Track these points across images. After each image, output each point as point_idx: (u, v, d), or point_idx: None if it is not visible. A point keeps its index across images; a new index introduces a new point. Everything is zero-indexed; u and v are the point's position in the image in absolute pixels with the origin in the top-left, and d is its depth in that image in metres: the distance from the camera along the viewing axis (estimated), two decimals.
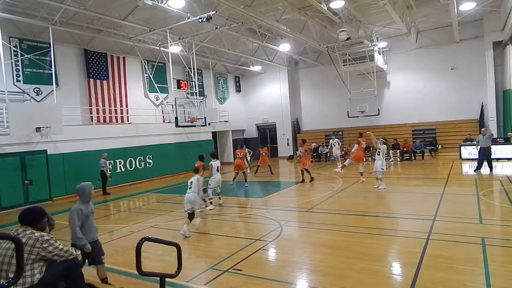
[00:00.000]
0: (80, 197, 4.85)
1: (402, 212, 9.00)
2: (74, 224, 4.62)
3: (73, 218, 4.64)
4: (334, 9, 13.87)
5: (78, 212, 4.68)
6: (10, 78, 13.46)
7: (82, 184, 4.91)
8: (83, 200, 4.82)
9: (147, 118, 18.92)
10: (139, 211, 11.38)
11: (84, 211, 4.74)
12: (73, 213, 4.67)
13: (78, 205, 4.77)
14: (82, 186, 4.87)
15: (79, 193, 4.87)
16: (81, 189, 4.86)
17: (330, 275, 5.19)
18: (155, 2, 11.38)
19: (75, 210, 4.70)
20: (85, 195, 4.83)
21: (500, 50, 18.50)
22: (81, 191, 4.84)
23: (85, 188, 4.86)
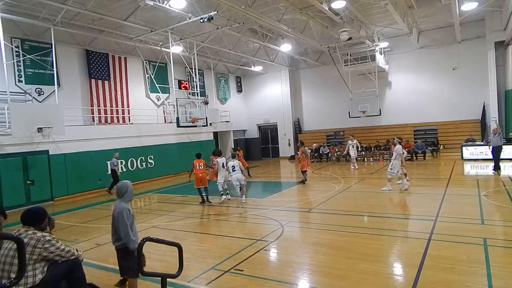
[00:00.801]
0: (123, 196, 4.47)
1: (404, 213, 9.00)
2: (126, 224, 4.26)
3: (123, 218, 4.27)
4: (335, 9, 13.85)
5: (127, 212, 4.33)
6: (12, 78, 13.49)
7: (123, 182, 4.55)
8: (125, 199, 4.48)
9: (148, 118, 18.94)
10: (140, 211, 11.39)
11: (130, 211, 4.43)
12: (121, 212, 4.30)
13: (123, 204, 4.40)
14: (124, 184, 4.51)
15: (120, 192, 4.48)
16: (123, 187, 4.48)
17: (331, 275, 5.18)
18: (156, 3, 11.39)
19: (123, 209, 4.32)
20: (127, 193, 4.48)
21: (502, 50, 18.45)
22: (123, 189, 4.47)
23: (127, 186, 4.50)
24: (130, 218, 4.37)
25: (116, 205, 4.42)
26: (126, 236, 4.25)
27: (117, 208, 4.35)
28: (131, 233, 4.27)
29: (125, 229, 4.25)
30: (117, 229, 4.31)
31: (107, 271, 5.91)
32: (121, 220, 4.27)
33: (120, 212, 4.31)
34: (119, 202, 4.44)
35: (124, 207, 4.35)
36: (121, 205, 4.37)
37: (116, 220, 4.32)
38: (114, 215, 4.38)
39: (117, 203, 4.43)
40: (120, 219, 4.29)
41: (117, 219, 4.31)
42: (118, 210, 4.33)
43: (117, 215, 4.32)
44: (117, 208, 4.36)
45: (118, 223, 4.29)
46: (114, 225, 4.39)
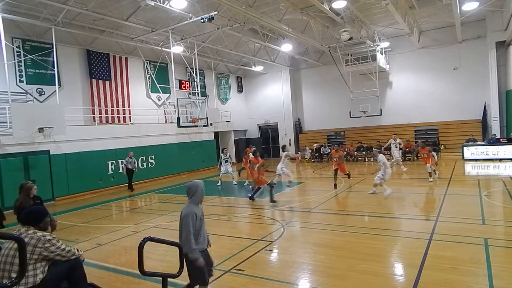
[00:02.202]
0: (192, 197, 4.04)
1: (405, 213, 8.98)
2: (188, 230, 3.85)
3: (187, 223, 3.86)
4: (336, 9, 13.84)
5: (193, 216, 3.91)
6: (13, 78, 13.51)
7: (194, 182, 4.10)
8: (195, 201, 4.06)
9: (149, 119, 18.95)
10: (141, 211, 11.40)
11: (197, 215, 3.98)
12: (187, 217, 3.89)
13: (191, 207, 3.98)
14: (195, 184, 4.07)
15: (190, 192, 4.06)
16: (193, 187, 4.05)
17: (332, 275, 5.18)
18: (157, 3, 11.39)
19: (189, 213, 3.91)
20: (197, 194, 4.05)
21: (503, 50, 18.43)
22: (193, 189, 4.05)
23: (198, 186, 4.06)
24: (198, 224, 3.97)
25: (184, 207, 4.03)
26: (185, 243, 3.88)
27: (184, 211, 3.97)
28: (192, 241, 3.86)
29: (187, 235, 3.86)
30: (181, 233, 3.96)
31: (108, 271, 5.91)
32: (184, 224, 3.89)
33: (185, 216, 3.91)
34: (188, 203, 4.05)
35: (191, 211, 3.93)
36: (188, 208, 3.98)
37: (180, 223, 3.97)
38: (180, 216, 4.01)
39: (186, 205, 4.05)
40: (183, 223, 3.91)
41: (180, 222, 3.95)
42: (184, 213, 3.95)
43: (182, 218, 3.94)
44: (183, 211, 3.98)
45: (181, 226, 3.94)
46: (179, 225, 4.05)
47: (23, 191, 6.48)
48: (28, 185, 6.56)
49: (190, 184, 4.09)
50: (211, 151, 22.25)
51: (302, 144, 24.89)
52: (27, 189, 6.46)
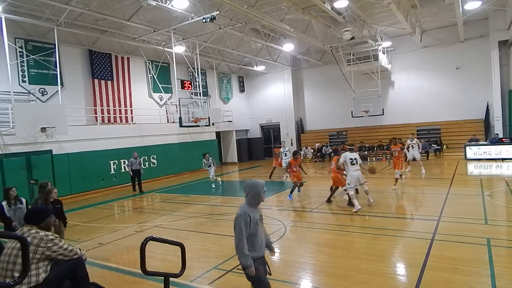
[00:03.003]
0: (249, 198, 3.61)
1: (407, 213, 8.97)
2: (240, 234, 3.44)
3: (239, 227, 3.44)
4: (338, 8, 13.82)
5: (246, 219, 3.46)
6: (16, 78, 13.56)
7: (252, 181, 3.66)
8: (251, 202, 3.59)
9: (151, 118, 18.98)
10: (143, 210, 11.42)
11: (252, 217, 3.51)
12: (239, 218, 3.47)
13: (245, 208, 3.55)
14: (252, 183, 3.62)
15: (245, 191, 3.63)
16: (248, 186, 3.61)
17: (334, 275, 5.18)
18: (159, 3, 11.41)
19: (242, 214, 3.48)
20: (252, 195, 3.58)
21: (506, 50, 18.35)
22: (248, 189, 3.60)
23: (254, 186, 3.59)
24: (253, 227, 3.50)
25: (240, 206, 3.65)
26: (237, 247, 3.46)
27: (238, 211, 3.55)
28: (245, 246, 3.43)
29: (238, 239, 3.44)
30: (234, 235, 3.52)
31: (110, 271, 5.93)
32: (236, 226, 3.47)
33: (237, 217, 3.49)
34: (245, 203, 3.63)
35: (244, 212, 3.48)
36: (242, 209, 3.55)
37: (233, 225, 3.53)
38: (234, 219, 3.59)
39: (242, 204, 3.65)
40: (235, 225, 3.48)
41: (234, 224, 3.52)
42: (237, 214, 3.52)
43: (235, 218, 3.52)
44: (237, 211, 3.56)
45: (234, 229, 3.50)
46: None
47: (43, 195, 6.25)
48: (48, 188, 6.31)
49: (247, 182, 3.65)
50: (213, 151, 22.25)
51: (303, 144, 24.88)
52: (47, 193, 6.23)
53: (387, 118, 21.83)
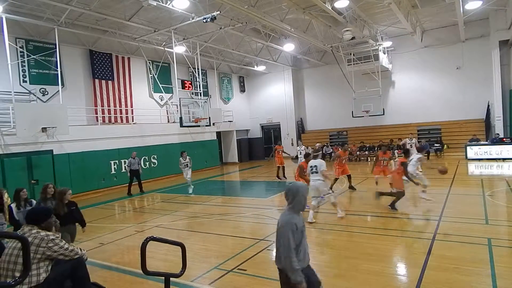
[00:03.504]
0: (294, 204, 3.18)
1: (407, 213, 8.95)
2: (289, 246, 3.01)
3: (286, 236, 3.03)
4: (338, 8, 13.82)
5: (293, 227, 3.06)
6: (17, 78, 13.58)
7: (294, 184, 3.27)
8: (296, 208, 3.19)
9: (151, 118, 19.00)
10: (143, 210, 11.43)
11: (298, 226, 3.12)
12: (285, 227, 3.06)
13: (291, 216, 3.13)
14: (295, 187, 3.22)
15: (290, 196, 3.20)
16: (293, 190, 3.19)
17: (335, 275, 5.17)
18: (159, 3, 11.42)
19: (288, 223, 3.07)
20: (298, 200, 3.17)
21: (507, 49, 18.33)
22: (293, 193, 3.18)
23: (299, 190, 3.19)
24: (298, 236, 3.10)
25: (282, 214, 3.23)
26: (285, 261, 3.04)
27: (281, 220, 3.16)
28: (294, 259, 3.01)
29: (287, 251, 3.02)
30: (278, 247, 3.15)
31: (110, 271, 5.93)
32: (283, 237, 3.06)
33: (283, 226, 3.09)
34: (287, 210, 3.21)
35: (290, 220, 3.09)
36: (287, 216, 3.14)
37: (278, 235, 3.16)
38: (278, 227, 3.20)
39: (284, 211, 3.23)
40: (281, 235, 3.08)
41: (278, 235, 3.15)
42: (281, 223, 3.14)
43: (280, 228, 3.14)
44: (281, 219, 3.17)
45: (279, 240, 3.13)
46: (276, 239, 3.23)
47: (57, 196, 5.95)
48: (62, 189, 5.91)
49: (289, 186, 3.26)
50: (213, 151, 22.29)
51: (304, 144, 24.83)
52: (61, 194, 5.87)
53: (387, 118, 21.82)
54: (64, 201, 5.89)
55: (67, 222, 5.90)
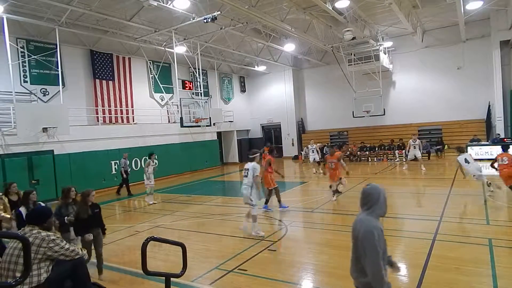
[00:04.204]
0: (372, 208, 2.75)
1: (408, 213, 8.94)
2: (377, 255, 2.58)
3: (371, 244, 2.59)
4: (339, 8, 13.81)
5: (379, 234, 2.63)
6: (17, 78, 13.59)
7: (373, 186, 2.81)
8: (376, 213, 2.74)
9: (152, 119, 19.00)
10: (144, 211, 11.43)
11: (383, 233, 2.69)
12: (371, 234, 2.60)
13: (373, 221, 2.69)
14: (375, 189, 2.78)
15: (370, 199, 2.77)
16: (374, 193, 2.76)
17: (335, 275, 5.17)
18: (160, 3, 11.42)
19: (374, 229, 2.63)
20: (380, 203, 2.74)
21: (508, 49, 18.31)
22: (374, 196, 2.76)
23: (380, 192, 2.77)
24: (383, 244, 2.65)
25: (360, 219, 2.78)
26: (374, 274, 2.59)
27: (363, 225, 2.68)
28: (384, 272, 2.60)
29: (375, 263, 2.57)
30: (360, 259, 2.70)
31: (111, 270, 5.93)
32: (369, 246, 2.60)
33: (368, 232, 2.63)
34: (366, 215, 2.75)
35: (375, 226, 2.65)
36: (370, 223, 2.67)
37: (361, 244, 2.67)
38: (358, 236, 2.72)
39: (362, 217, 2.77)
40: (367, 245, 2.61)
41: (362, 244, 2.66)
42: (365, 229, 2.66)
43: (363, 236, 2.66)
44: (362, 225, 2.69)
45: (363, 249, 2.64)
46: (356, 251, 2.76)
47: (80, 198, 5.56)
48: (85, 191, 5.57)
49: (368, 188, 2.81)
50: (214, 151, 22.29)
51: (304, 144, 24.85)
52: (84, 195, 5.50)
53: (388, 118, 21.80)
54: (87, 203, 5.47)
55: (92, 226, 5.46)
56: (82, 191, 5.59)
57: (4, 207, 6.46)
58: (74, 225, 5.43)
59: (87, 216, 5.35)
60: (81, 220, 5.31)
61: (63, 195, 5.88)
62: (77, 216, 5.35)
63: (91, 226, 5.45)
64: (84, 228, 5.35)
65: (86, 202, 5.44)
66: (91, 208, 5.48)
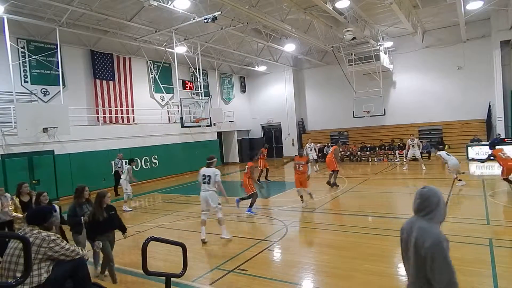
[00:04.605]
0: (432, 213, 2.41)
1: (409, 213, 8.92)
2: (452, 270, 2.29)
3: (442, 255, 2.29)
4: (339, 8, 13.82)
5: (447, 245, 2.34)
6: (18, 79, 13.60)
7: (431, 189, 2.44)
8: (437, 219, 2.41)
9: (152, 119, 19.01)
10: (144, 211, 11.43)
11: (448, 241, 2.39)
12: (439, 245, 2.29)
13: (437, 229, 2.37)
14: (436, 194, 2.42)
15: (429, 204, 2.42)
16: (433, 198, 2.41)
17: (335, 275, 5.17)
18: (160, 3, 11.43)
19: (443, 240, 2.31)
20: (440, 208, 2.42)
21: (508, 49, 18.30)
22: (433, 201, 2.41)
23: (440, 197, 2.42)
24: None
25: (421, 227, 2.39)
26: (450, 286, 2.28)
27: (429, 236, 2.32)
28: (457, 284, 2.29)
29: (449, 276, 2.28)
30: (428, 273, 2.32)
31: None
32: (440, 258, 2.28)
33: (438, 245, 2.28)
34: (426, 222, 2.40)
35: (443, 237, 2.33)
36: (436, 232, 2.34)
37: (429, 257, 2.29)
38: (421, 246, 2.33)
39: (423, 225, 2.40)
40: (438, 256, 2.28)
41: (430, 256, 2.29)
42: (433, 241, 2.29)
43: (433, 249, 2.28)
44: (427, 236, 2.32)
45: (432, 261, 2.29)
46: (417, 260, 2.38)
47: (96, 199, 5.31)
48: (101, 192, 5.33)
49: (426, 191, 2.45)
50: (214, 151, 22.27)
51: (304, 144, 24.85)
52: (99, 197, 5.25)
53: (388, 119, 21.80)
54: (103, 205, 5.25)
55: (107, 229, 5.29)
56: (97, 192, 5.41)
57: (15, 208, 6.48)
58: (88, 228, 5.20)
59: (102, 219, 5.16)
60: (96, 223, 5.12)
61: (76, 194, 5.75)
62: (93, 218, 5.14)
63: (107, 229, 5.26)
64: (99, 232, 5.15)
65: (101, 204, 5.24)
66: (106, 210, 5.29)
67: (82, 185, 5.87)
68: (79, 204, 5.65)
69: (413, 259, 2.44)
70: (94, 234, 5.16)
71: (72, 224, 5.60)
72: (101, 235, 5.17)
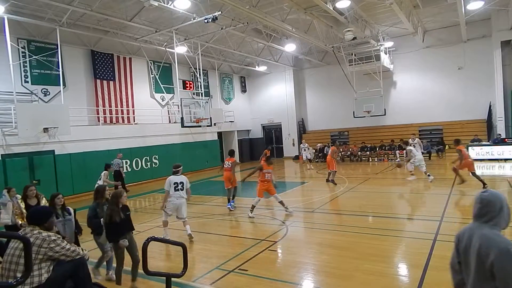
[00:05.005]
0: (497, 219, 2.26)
1: (409, 213, 8.94)
2: None
3: None
4: (340, 9, 13.81)
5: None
6: (18, 79, 13.60)
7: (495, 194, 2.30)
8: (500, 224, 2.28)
9: (153, 119, 19.01)
10: (145, 211, 11.44)
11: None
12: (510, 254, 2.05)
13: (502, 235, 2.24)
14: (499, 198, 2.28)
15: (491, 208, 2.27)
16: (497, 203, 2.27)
17: (336, 275, 5.17)
18: (161, 3, 11.43)
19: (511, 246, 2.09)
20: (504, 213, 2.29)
21: (508, 50, 18.29)
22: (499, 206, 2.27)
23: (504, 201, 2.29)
24: None
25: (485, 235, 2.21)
26: None
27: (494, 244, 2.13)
28: None
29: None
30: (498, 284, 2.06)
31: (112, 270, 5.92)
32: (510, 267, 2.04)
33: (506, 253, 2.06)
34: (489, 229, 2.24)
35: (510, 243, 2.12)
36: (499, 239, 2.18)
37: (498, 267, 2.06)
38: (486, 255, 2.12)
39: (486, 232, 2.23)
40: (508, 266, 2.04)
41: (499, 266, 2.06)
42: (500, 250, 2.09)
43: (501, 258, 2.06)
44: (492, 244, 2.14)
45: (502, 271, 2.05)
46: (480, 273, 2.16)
47: (111, 200, 5.09)
48: (117, 192, 5.15)
49: (488, 195, 2.30)
50: (214, 151, 22.30)
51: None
52: (116, 197, 5.05)
53: (389, 119, 21.80)
54: (119, 205, 5.04)
55: (125, 230, 5.10)
56: (113, 192, 5.26)
57: (20, 212, 6.33)
58: (107, 229, 5.04)
59: (120, 220, 4.98)
60: (113, 224, 4.93)
61: (99, 194, 5.63)
62: (110, 219, 4.93)
63: (124, 230, 5.10)
64: (117, 233, 4.98)
65: (118, 204, 5.03)
66: (122, 210, 5.08)
67: (103, 185, 5.88)
68: (101, 205, 5.53)
69: (475, 270, 2.19)
70: (113, 236, 5.01)
71: (95, 226, 5.44)
72: (119, 237, 5.02)
